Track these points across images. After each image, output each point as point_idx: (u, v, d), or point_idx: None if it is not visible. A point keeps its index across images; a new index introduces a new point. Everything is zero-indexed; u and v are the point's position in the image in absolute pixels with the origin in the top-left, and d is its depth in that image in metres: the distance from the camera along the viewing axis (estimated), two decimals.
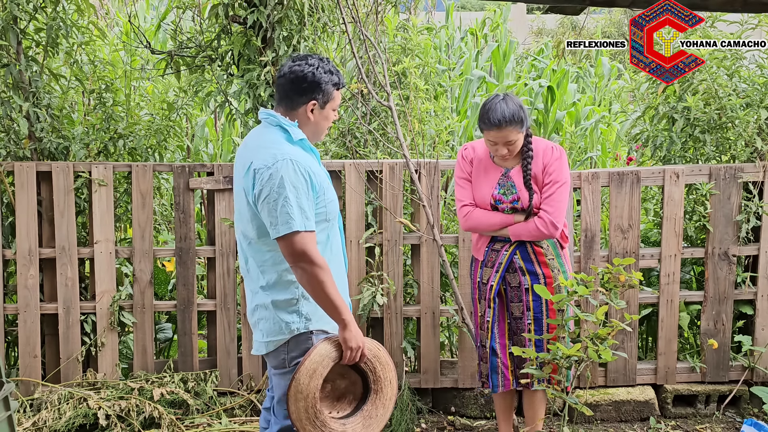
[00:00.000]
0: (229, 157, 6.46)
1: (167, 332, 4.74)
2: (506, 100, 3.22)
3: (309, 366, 2.56)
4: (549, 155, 3.30)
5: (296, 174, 2.52)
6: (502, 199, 3.36)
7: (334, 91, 2.69)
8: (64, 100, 4.36)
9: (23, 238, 4.00)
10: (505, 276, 3.41)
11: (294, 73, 2.63)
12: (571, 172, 3.74)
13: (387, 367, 2.76)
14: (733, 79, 4.35)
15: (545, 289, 3.06)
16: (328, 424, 2.62)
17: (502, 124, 3.17)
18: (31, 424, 3.75)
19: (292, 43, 4.12)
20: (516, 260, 3.37)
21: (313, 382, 2.56)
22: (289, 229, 2.48)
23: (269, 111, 2.69)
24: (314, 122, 2.69)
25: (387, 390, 2.76)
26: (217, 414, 3.99)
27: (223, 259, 4.09)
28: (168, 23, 5.31)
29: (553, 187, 3.27)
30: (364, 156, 4.51)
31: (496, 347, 3.47)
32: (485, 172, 3.41)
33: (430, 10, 10.84)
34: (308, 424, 2.58)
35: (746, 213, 4.15)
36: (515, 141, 3.24)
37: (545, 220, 3.26)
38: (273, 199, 2.49)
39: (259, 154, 2.57)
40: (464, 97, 8.51)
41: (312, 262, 2.50)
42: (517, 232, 3.32)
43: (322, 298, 2.54)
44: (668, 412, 4.22)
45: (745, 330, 4.35)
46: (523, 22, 17.91)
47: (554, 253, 3.36)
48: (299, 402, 2.55)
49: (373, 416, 2.73)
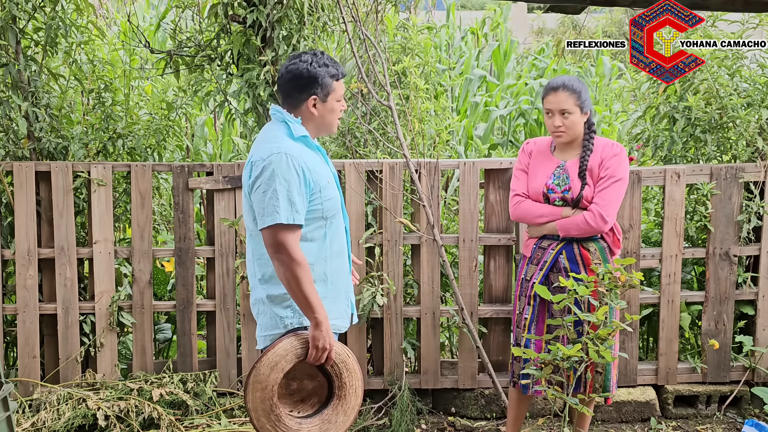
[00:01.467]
0: (228, 156, 6.45)
1: (166, 333, 4.73)
2: (570, 76, 3.32)
3: (271, 358, 2.55)
4: (608, 150, 3.28)
5: (288, 168, 2.55)
6: (554, 188, 3.34)
7: (333, 83, 2.70)
8: (63, 99, 4.35)
9: (22, 238, 3.99)
10: (549, 275, 3.36)
11: (290, 72, 2.68)
12: None
13: (354, 375, 2.71)
14: (734, 79, 4.34)
15: (545, 289, 3.02)
16: (282, 419, 2.59)
17: (559, 87, 3.25)
18: (30, 425, 3.74)
19: (292, 42, 4.11)
20: (561, 260, 3.32)
21: (273, 375, 2.54)
22: (273, 220, 2.52)
23: (277, 107, 2.75)
24: (319, 116, 2.73)
25: (351, 398, 2.71)
26: (217, 415, 3.98)
27: (222, 259, 4.08)
28: (167, 22, 5.31)
29: (608, 181, 3.24)
30: (364, 156, 4.50)
31: (531, 348, 3.38)
32: (543, 163, 3.42)
33: (431, 9, 10.82)
34: (263, 416, 2.56)
35: (747, 213, 4.14)
36: (570, 112, 3.26)
37: (594, 212, 3.22)
38: (263, 190, 2.54)
39: (260, 147, 2.64)
40: (464, 96, 8.50)
41: (290, 256, 2.53)
42: (565, 226, 3.28)
43: (297, 294, 2.55)
44: (669, 412, 4.21)
45: (746, 330, 4.34)
46: (524, 21, 17.90)
47: (602, 258, 3.29)
48: (256, 392, 2.54)
49: (332, 422, 2.68)
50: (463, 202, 4.09)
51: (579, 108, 3.27)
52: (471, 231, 4.08)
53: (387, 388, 4.12)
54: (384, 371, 4.15)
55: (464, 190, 4.08)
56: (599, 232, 3.26)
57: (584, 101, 3.28)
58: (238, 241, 4.07)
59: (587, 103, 3.29)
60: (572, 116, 3.27)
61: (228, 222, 4.02)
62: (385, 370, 4.14)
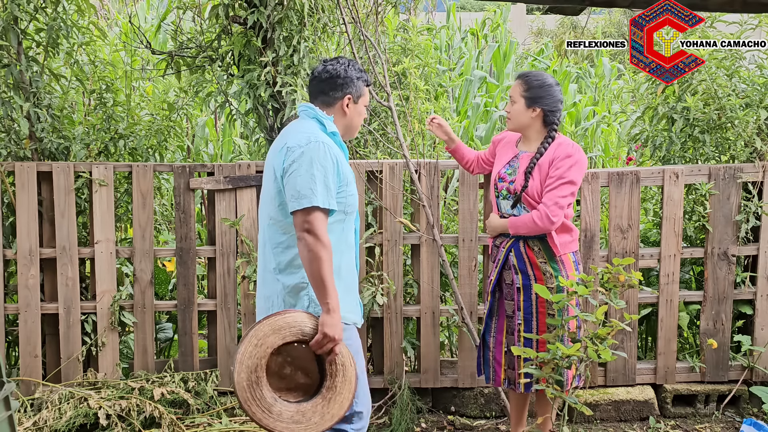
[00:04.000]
0: (229, 157, 6.47)
1: (168, 332, 4.74)
2: (543, 72, 3.41)
3: (278, 321, 2.51)
4: (561, 150, 3.27)
5: (326, 156, 2.65)
6: (505, 177, 3.39)
7: (364, 87, 2.89)
8: (64, 100, 4.37)
9: (24, 238, 4.01)
10: (502, 272, 3.42)
11: (328, 72, 2.82)
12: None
13: (348, 385, 2.62)
14: (732, 80, 4.36)
15: (545, 289, 3.04)
16: (261, 385, 2.49)
17: (520, 76, 3.35)
18: (31, 424, 3.76)
19: (292, 43, 4.13)
20: (511, 257, 3.37)
21: (272, 338, 2.48)
22: (310, 202, 2.59)
23: (308, 104, 2.86)
24: (349, 117, 2.87)
25: (334, 405, 2.59)
26: (218, 414, 3.99)
27: (223, 259, 4.10)
28: (168, 23, 5.32)
29: (557, 182, 3.23)
30: (364, 156, 4.52)
31: (490, 341, 3.49)
32: (505, 153, 3.48)
33: (430, 10, 10.84)
34: (245, 372, 2.46)
35: (745, 213, 4.15)
36: (514, 100, 3.33)
37: (541, 212, 3.23)
38: (300, 174, 2.62)
39: (295, 136, 2.72)
40: (464, 97, 8.52)
41: (317, 236, 2.58)
42: (515, 224, 3.32)
43: (316, 275, 2.57)
44: (668, 411, 4.23)
45: (745, 330, 4.35)
46: (523, 22, 17.91)
47: (546, 257, 3.32)
48: (249, 345, 2.47)
49: (306, 417, 2.55)
50: (462, 202, 4.10)
51: (524, 99, 3.30)
52: (470, 231, 4.10)
53: (387, 387, 4.14)
54: (384, 370, 4.16)
55: (464, 190, 4.10)
56: (547, 231, 3.27)
57: (532, 95, 3.29)
58: (238, 241, 4.09)
59: (538, 99, 3.29)
60: (516, 105, 3.33)
61: (229, 222, 4.04)
62: (385, 369, 4.16)
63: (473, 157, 3.71)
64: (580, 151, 3.31)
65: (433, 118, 3.65)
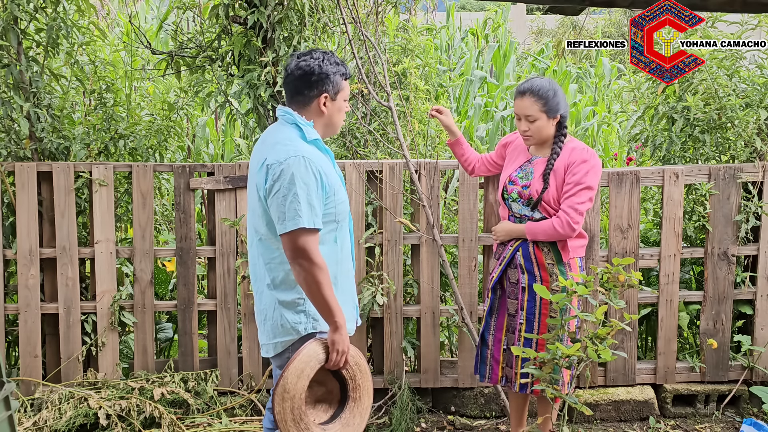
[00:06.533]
0: (230, 157, 6.47)
1: (168, 332, 4.74)
2: (542, 78, 3.31)
3: (297, 366, 2.53)
4: (577, 155, 3.24)
5: (307, 171, 2.53)
6: (516, 180, 3.36)
7: (342, 82, 2.71)
8: (64, 100, 4.37)
9: (24, 238, 4.01)
10: (507, 270, 3.41)
11: (301, 68, 2.65)
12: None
13: (366, 376, 2.71)
14: (732, 79, 4.36)
15: (544, 288, 3.04)
16: (311, 428, 2.59)
17: (525, 92, 3.25)
18: (31, 424, 3.76)
19: (293, 43, 4.13)
20: (518, 257, 3.36)
21: (300, 383, 2.53)
22: (296, 225, 2.49)
23: (286, 109, 2.71)
24: (328, 115, 2.72)
25: (365, 399, 2.71)
26: (218, 414, 3.99)
27: (223, 259, 4.10)
28: (169, 24, 5.32)
29: (575, 188, 3.21)
30: (364, 156, 4.52)
31: (489, 339, 3.48)
32: (516, 157, 3.44)
33: (431, 10, 10.84)
34: (293, 425, 2.55)
35: (745, 213, 4.15)
36: (534, 117, 3.24)
37: (562, 220, 3.21)
38: (282, 194, 2.51)
39: (274, 150, 2.59)
40: (465, 97, 8.52)
41: (311, 260, 2.51)
42: (533, 231, 3.28)
43: (318, 298, 2.54)
44: (668, 411, 4.23)
45: (745, 330, 4.35)
46: (523, 22, 17.92)
47: (554, 259, 3.31)
48: (286, 402, 2.52)
49: (350, 424, 2.67)
50: (462, 202, 4.11)
51: (545, 113, 3.24)
52: (470, 231, 4.10)
53: (387, 387, 4.14)
54: (384, 370, 4.16)
55: (464, 190, 4.10)
56: (568, 238, 3.26)
57: (551, 107, 3.24)
58: (239, 241, 4.09)
59: (557, 107, 3.25)
60: (538, 122, 3.25)
61: (229, 222, 4.04)
62: (385, 369, 4.16)
63: (475, 159, 3.69)
64: (595, 156, 3.29)
65: (436, 108, 3.63)
